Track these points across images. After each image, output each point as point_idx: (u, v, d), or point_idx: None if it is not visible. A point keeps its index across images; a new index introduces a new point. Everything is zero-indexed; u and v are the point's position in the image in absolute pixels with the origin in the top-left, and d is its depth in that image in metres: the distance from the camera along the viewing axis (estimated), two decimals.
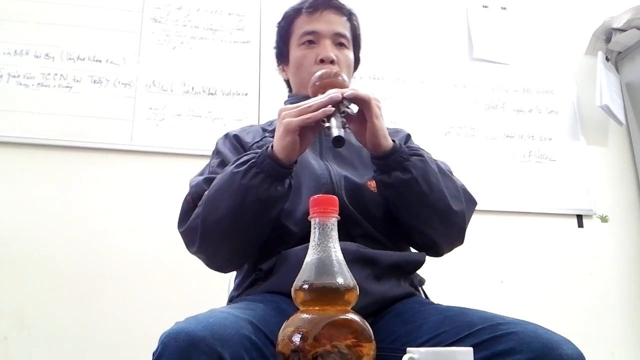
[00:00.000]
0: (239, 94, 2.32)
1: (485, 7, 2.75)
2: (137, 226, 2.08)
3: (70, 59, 2.20)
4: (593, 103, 2.61)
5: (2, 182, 2.04)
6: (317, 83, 1.11)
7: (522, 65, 2.70)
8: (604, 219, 2.55)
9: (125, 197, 2.11)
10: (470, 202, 1.18)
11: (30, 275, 1.95)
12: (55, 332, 1.92)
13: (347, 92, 1.02)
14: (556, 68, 2.74)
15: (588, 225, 2.53)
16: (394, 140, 1.07)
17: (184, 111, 2.25)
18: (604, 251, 2.51)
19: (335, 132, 0.95)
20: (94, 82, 2.20)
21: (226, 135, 1.27)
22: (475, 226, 2.47)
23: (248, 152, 1.07)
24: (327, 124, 0.98)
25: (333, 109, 0.99)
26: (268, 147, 1.02)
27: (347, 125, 1.04)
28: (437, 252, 1.18)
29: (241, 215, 1.01)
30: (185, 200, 1.13)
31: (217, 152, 1.23)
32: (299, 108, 1.00)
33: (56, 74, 2.17)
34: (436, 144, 2.35)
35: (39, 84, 2.15)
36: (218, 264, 1.14)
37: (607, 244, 2.53)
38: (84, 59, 2.22)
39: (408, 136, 1.32)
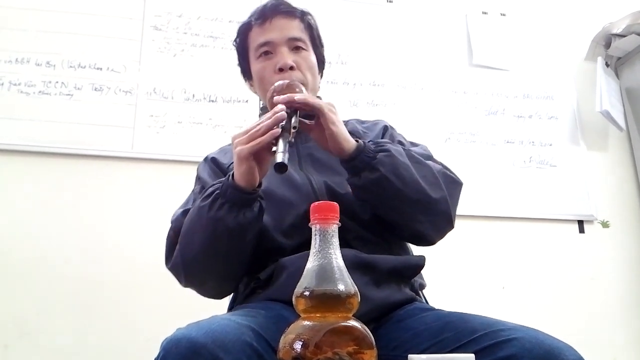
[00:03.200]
0: (239, 101, 2.32)
1: (485, 13, 2.76)
2: (138, 233, 2.08)
3: (71, 66, 2.21)
4: (593, 108, 2.61)
5: (2, 189, 2.04)
6: (274, 95, 1.10)
7: (522, 71, 2.71)
8: (605, 225, 2.55)
9: (126, 205, 2.11)
10: (453, 184, 1.15)
11: (30, 282, 1.95)
12: (56, 340, 1.92)
13: (297, 101, 1.02)
14: (556, 74, 2.75)
15: (589, 231, 2.53)
16: (357, 141, 1.06)
17: (185, 118, 2.25)
18: (605, 257, 2.51)
19: (279, 157, 0.93)
20: (95, 89, 2.21)
21: (205, 159, 1.28)
22: (476, 232, 2.48)
23: (214, 183, 1.07)
24: (273, 148, 0.96)
25: (279, 130, 0.97)
26: (229, 175, 1.02)
27: (311, 140, 1.05)
28: (428, 242, 1.17)
29: (216, 247, 1.02)
30: (168, 236, 1.14)
31: (198, 178, 1.24)
32: (249, 133, 0.99)
33: (57, 82, 2.18)
34: (436, 150, 2.34)
35: (40, 91, 2.15)
36: (209, 293, 1.17)
37: (608, 250, 2.52)
38: (84, 67, 2.22)
39: (385, 128, 1.31)
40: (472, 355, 0.71)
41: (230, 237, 1.01)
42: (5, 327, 1.90)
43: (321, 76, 1.34)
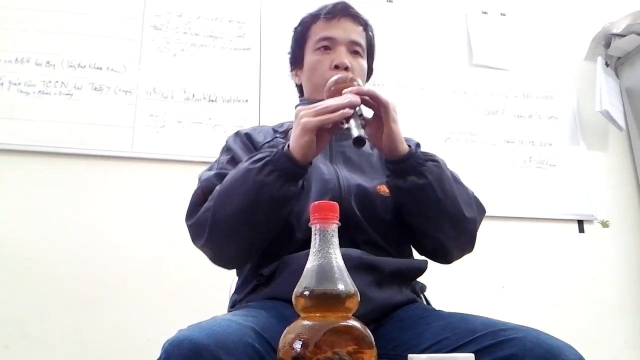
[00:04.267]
0: (239, 101, 2.32)
1: (485, 13, 2.76)
2: (138, 233, 2.08)
3: (71, 66, 2.21)
4: (593, 108, 2.61)
5: (2, 189, 2.04)
6: (332, 88, 1.11)
7: (522, 71, 2.71)
8: (604, 224, 2.55)
9: (126, 204, 2.11)
10: (480, 209, 1.18)
11: (30, 282, 1.95)
12: (57, 340, 1.92)
13: (366, 93, 1.03)
14: (556, 73, 2.75)
15: (589, 231, 2.53)
16: (409, 146, 1.08)
17: (185, 118, 2.25)
18: (605, 256, 2.51)
19: (356, 132, 0.96)
20: (95, 89, 2.20)
21: (237, 133, 1.27)
22: None
23: (263, 150, 1.07)
24: (346, 125, 0.99)
25: (352, 111, 0.99)
26: (284, 145, 1.02)
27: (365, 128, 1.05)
28: (447, 258, 1.19)
29: (253, 211, 1.01)
30: (195, 194, 1.12)
31: (227, 149, 1.23)
32: (317, 108, 1.00)
33: (57, 82, 2.18)
34: (436, 150, 2.34)
35: (40, 91, 2.15)
36: (223, 259, 1.13)
37: (608, 249, 2.52)
38: (84, 67, 2.22)
39: (418, 145, 1.32)
40: (472, 355, 0.71)
41: (270, 207, 1.01)
42: (6, 328, 1.90)
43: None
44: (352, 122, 0.98)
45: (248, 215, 1.02)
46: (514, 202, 2.48)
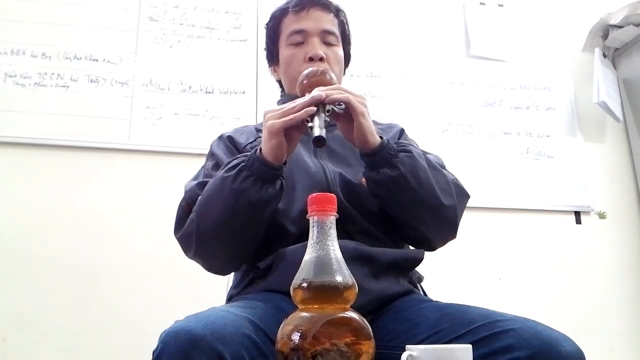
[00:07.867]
0: (236, 93, 2.32)
1: (482, 4, 2.75)
2: (135, 225, 2.08)
3: (67, 58, 2.20)
4: (590, 100, 2.61)
5: None
6: (304, 82, 1.11)
7: (520, 63, 2.70)
8: (601, 216, 2.56)
9: (123, 197, 2.11)
10: (462, 196, 1.17)
11: (27, 275, 1.95)
12: (54, 332, 1.92)
13: (332, 89, 1.03)
14: (553, 65, 2.75)
15: (586, 222, 2.54)
16: (381, 137, 1.07)
17: (181, 110, 2.25)
18: (602, 247, 2.52)
19: (317, 132, 0.95)
20: (91, 81, 2.19)
21: (220, 137, 1.28)
22: (473, 223, 2.48)
23: (238, 156, 1.07)
24: (309, 124, 0.98)
25: (315, 108, 0.99)
26: (257, 149, 1.03)
27: (333, 123, 1.05)
28: (430, 247, 1.19)
29: (234, 219, 1.02)
30: (180, 206, 1.13)
31: (211, 155, 1.24)
32: (282, 110, 1.01)
33: (53, 74, 2.17)
34: (434, 141, 2.35)
35: (35, 83, 2.14)
36: (216, 267, 1.15)
37: (604, 241, 2.53)
38: (80, 59, 2.21)
39: (402, 131, 1.32)
40: (469, 346, 0.71)
41: (250, 211, 1.01)
42: (4, 320, 1.90)
43: (344, 72, 1.35)
44: (315, 120, 0.97)
45: (230, 222, 1.02)
46: (511, 194, 2.48)
